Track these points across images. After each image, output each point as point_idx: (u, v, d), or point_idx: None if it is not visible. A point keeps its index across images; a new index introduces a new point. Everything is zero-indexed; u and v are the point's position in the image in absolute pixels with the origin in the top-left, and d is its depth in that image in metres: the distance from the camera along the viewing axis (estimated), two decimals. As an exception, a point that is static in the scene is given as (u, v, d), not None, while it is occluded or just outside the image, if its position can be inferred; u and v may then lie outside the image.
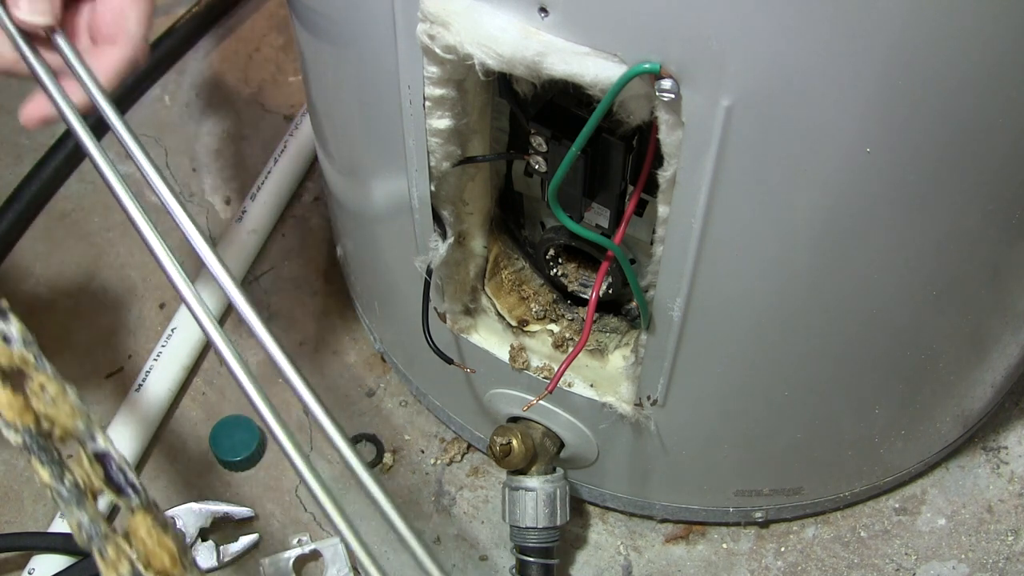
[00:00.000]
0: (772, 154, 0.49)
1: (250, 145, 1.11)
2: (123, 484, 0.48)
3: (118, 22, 0.55)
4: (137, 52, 0.56)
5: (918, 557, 0.82)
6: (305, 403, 0.56)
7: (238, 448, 0.86)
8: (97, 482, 0.48)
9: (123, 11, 0.55)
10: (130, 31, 0.55)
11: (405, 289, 0.77)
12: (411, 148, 0.60)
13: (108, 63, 0.55)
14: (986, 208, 0.55)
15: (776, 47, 0.45)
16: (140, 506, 0.48)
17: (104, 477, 0.48)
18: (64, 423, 0.49)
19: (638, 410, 0.69)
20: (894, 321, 0.62)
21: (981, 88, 0.47)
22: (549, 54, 0.48)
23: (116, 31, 0.55)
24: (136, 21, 0.56)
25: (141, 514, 0.47)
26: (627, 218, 0.59)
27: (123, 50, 0.56)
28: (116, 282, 1.00)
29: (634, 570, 0.83)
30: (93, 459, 0.49)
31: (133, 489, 0.48)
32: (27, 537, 0.82)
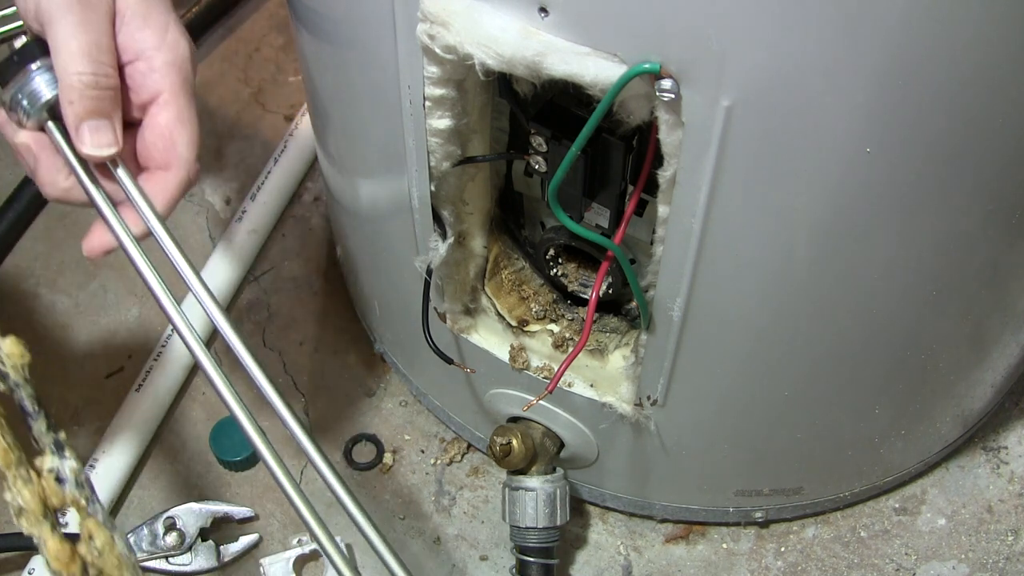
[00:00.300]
0: (772, 154, 0.49)
1: (250, 145, 1.11)
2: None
3: (169, 147, 0.55)
4: (190, 174, 0.56)
5: (918, 557, 0.82)
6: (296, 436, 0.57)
7: (238, 448, 0.86)
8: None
9: (172, 136, 0.55)
10: (182, 155, 0.55)
11: (405, 289, 0.77)
12: (411, 148, 0.60)
13: (164, 189, 0.55)
14: (986, 208, 0.55)
15: (776, 47, 0.45)
16: None
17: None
18: (110, 572, 0.50)
19: (638, 410, 0.69)
20: (894, 321, 0.62)
21: (981, 88, 0.47)
22: (549, 54, 0.48)
23: (168, 157, 0.55)
24: (187, 145, 0.55)
25: None
26: (627, 218, 0.59)
27: (177, 175, 0.55)
28: (116, 282, 1.00)
29: (634, 570, 0.83)
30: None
31: None
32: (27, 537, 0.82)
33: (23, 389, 0.53)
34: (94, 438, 0.87)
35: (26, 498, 0.50)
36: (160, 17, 0.55)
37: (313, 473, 0.88)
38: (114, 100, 0.53)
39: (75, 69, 0.51)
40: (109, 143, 0.54)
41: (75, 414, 0.90)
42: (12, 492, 0.50)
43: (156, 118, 0.55)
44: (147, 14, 0.54)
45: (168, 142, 0.55)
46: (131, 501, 0.86)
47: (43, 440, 0.52)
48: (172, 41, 0.55)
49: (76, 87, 0.52)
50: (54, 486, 0.51)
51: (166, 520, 0.81)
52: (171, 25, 0.55)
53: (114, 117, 0.54)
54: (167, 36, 0.55)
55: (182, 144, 0.55)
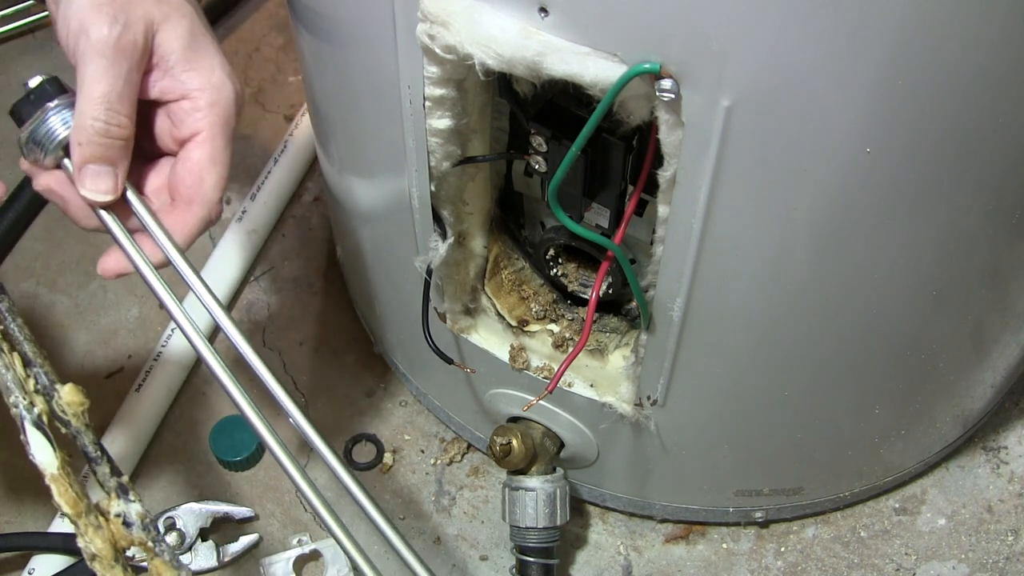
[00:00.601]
0: (772, 154, 0.49)
1: (250, 145, 1.11)
2: None
3: (196, 184, 0.57)
4: (212, 213, 0.58)
5: (918, 557, 0.82)
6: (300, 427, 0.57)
7: (238, 448, 0.86)
8: None
9: (202, 175, 0.57)
10: (206, 194, 0.57)
11: (405, 289, 0.77)
12: (411, 148, 0.60)
13: (184, 223, 0.57)
14: (986, 208, 0.55)
15: (776, 47, 0.45)
16: None
17: None
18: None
19: (638, 410, 0.69)
20: (894, 321, 0.62)
21: (981, 88, 0.47)
22: (549, 54, 0.48)
23: (194, 193, 0.57)
24: (213, 185, 0.57)
25: None
26: (627, 218, 0.59)
27: (199, 212, 0.57)
28: (116, 282, 1.00)
29: (634, 570, 0.83)
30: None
31: None
32: (27, 537, 0.82)
33: (84, 435, 0.55)
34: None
35: (99, 546, 0.52)
36: (206, 60, 0.57)
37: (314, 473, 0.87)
38: (123, 149, 0.55)
39: (91, 114, 0.53)
40: (106, 190, 0.55)
41: (75, 414, 0.90)
42: (84, 540, 0.52)
43: (190, 154, 0.57)
44: (192, 58, 0.56)
45: (197, 179, 0.57)
46: (131, 501, 0.86)
47: (107, 484, 0.54)
48: (217, 83, 0.57)
49: (87, 131, 0.53)
50: (122, 530, 0.53)
51: (166, 520, 0.81)
52: (217, 68, 0.57)
53: (119, 165, 0.55)
54: (212, 78, 0.57)
55: (209, 184, 0.57)
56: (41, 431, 0.53)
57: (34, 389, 0.54)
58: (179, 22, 0.56)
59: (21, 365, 0.54)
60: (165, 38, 0.55)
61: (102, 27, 0.52)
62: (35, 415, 0.53)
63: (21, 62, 1.18)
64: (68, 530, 0.81)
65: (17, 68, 1.18)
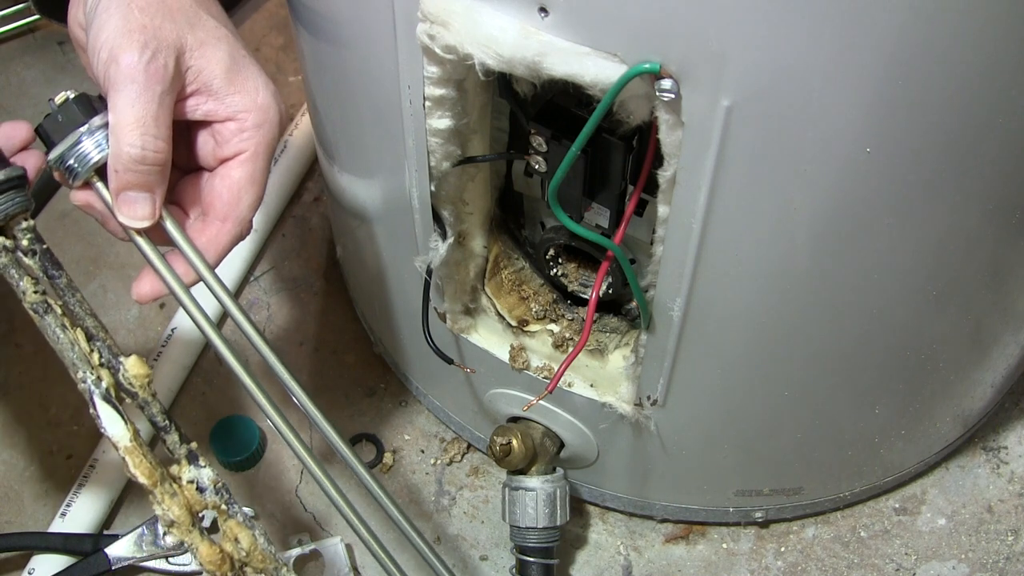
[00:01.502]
0: (772, 154, 0.49)
1: (250, 145, 1.10)
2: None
3: (233, 203, 0.57)
4: (244, 231, 0.58)
5: (918, 557, 0.82)
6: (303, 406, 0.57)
7: (238, 448, 0.86)
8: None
9: (240, 193, 0.57)
10: (242, 213, 0.57)
11: (405, 289, 0.77)
12: (411, 148, 0.60)
13: (217, 241, 0.57)
14: (986, 208, 0.55)
15: (776, 47, 0.45)
16: None
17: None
18: (257, 566, 0.54)
19: (638, 410, 0.69)
20: (894, 321, 0.62)
21: (981, 88, 0.47)
22: (549, 54, 0.48)
23: (229, 211, 0.57)
24: (249, 205, 0.57)
25: None
26: (627, 218, 0.59)
27: (232, 230, 0.57)
28: (116, 282, 1.00)
29: (634, 570, 0.83)
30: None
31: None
32: (27, 537, 0.82)
33: (152, 406, 0.55)
34: (94, 438, 0.87)
35: (176, 512, 0.53)
36: (251, 82, 0.57)
37: (313, 473, 0.88)
38: (160, 175, 0.55)
39: (127, 140, 0.52)
40: (144, 216, 0.55)
41: (75, 414, 0.90)
42: (162, 507, 0.53)
43: (231, 171, 0.57)
44: (236, 80, 0.56)
45: (234, 197, 0.57)
46: (131, 501, 0.86)
47: (177, 451, 0.55)
48: (264, 104, 0.57)
49: (123, 158, 0.53)
50: (196, 495, 0.54)
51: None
52: (262, 89, 0.57)
53: (156, 191, 0.55)
54: (259, 99, 0.57)
55: (246, 203, 0.57)
56: (111, 404, 0.53)
57: (99, 363, 0.55)
58: (216, 46, 0.55)
59: (85, 340, 0.55)
60: (205, 63, 0.55)
61: (132, 53, 0.52)
62: (103, 389, 0.54)
63: (21, 62, 1.18)
64: (68, 530, 0.81)
65: (17, 68, 1.18)
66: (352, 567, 0.81)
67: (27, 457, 0.88)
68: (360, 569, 0.83)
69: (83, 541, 0.80)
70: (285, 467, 0.88)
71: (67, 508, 0.82)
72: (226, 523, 0.55)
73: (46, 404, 0.90)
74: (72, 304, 0.56)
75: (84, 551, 0.79)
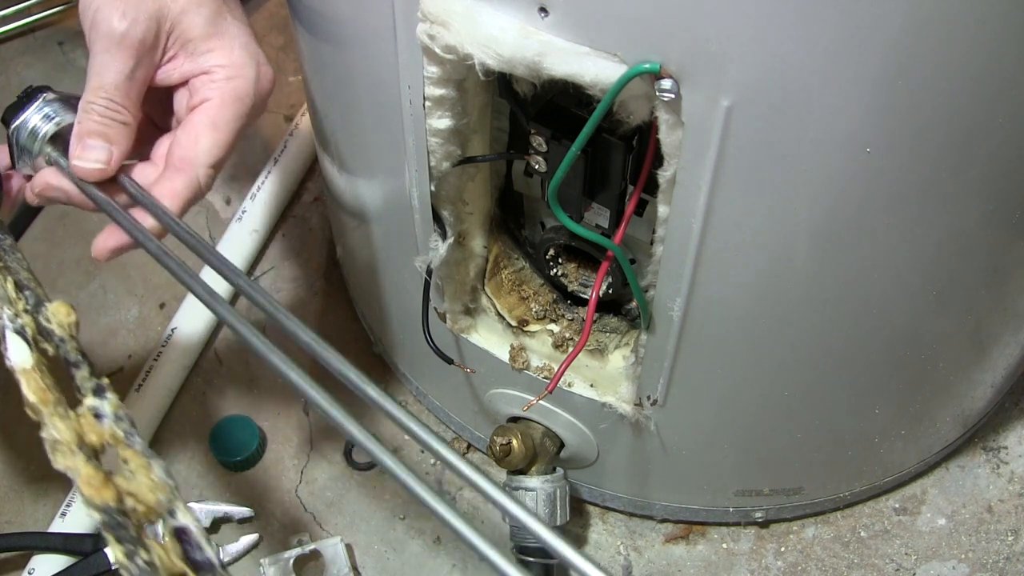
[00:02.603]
0: (772, 154, 0.49)
1: (250, 145, 1.11)
2: (201, 562, 0.46)
3: (191, 147, 0.57)
4: (202, 180, 0.57)
5: (918, 557, 0.82)
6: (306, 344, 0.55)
7: (238, 448, 0.86)
8: (177, 561, 0.46)
9: (196, 138, 0.57)
10: (198, 158, 0.57)
11: (405, 289, 0.77)
12: (411, 148, 0.60)
13: (172, 190, 0.57)
14: (986, 208, 0.55)
15: (776, 47, 0.45)
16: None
17: (182, 554, 0.46)
18: (145, 497, 0.48)
19: (638, 410, 0.69)
20: (894, 321, 0.62)
21: (981, 88, 0.47)
22: (549, 54, 0.48)
23: (185, 155, 0.57)
24: (205, 150, 0.57)
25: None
26: (627, 218, 0.59)
27: (188, 175, 0.57)
28: (116, 282, 1.00)
29: (634, 570, 0.83)
30: (172, 535, 0.47)
31: (210, 568, 0.46)
32: (27, 537, 0.82)
33: (68, 344, 0.53)
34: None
35: (60, 429, 0.48)
36: (227, 41, 0.58)
37: (314, 473, 0.88)
38: (122, 131, 0.56)
39: (91, 99, 0.55)
40: (97, 160, 0.56)
41: (75, 414, 0.90)
42: (48, 427, 0.49)
43: (192, 118, 0.57)
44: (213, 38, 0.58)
45: (191, 142, 0.57)
46: (131, 501, 0.86)
47: (85, 386, 0.52)
48: (237, 60, 0.58)
49: (86, 111, 0.56)
50: (92, 422, 0.50)
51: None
52: (238, 48, 0.58)
53: (115, 145, 0.56)
54: (232, 56, 0.58)
55: (201, 148, 0.57)
56: (20, 336, 0.51)
57: (23, 309, 0.53)
58: (197, 11, 0.57)
59: (14, 288, 0.54)
60: (185, 28, 0.57)
61: (111, 20, 0.54)
62: (18, 324, 0.52)
63: (21, 62, 1.18)
64: (68, 530, 0.81)
65: (17, 68, 1.18)
66: (352, 567, 0.81)
67: (27, 457, 0.88)
68: (360, 569, 0.83)
69: (83, 541, 0.80)
70: (285, 467, 0.88)
71: (67, 508, 0.82)
72: (123, 452, 0.49)
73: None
74: (10, 261, 0.55)
75: (84, 551, 0.79)
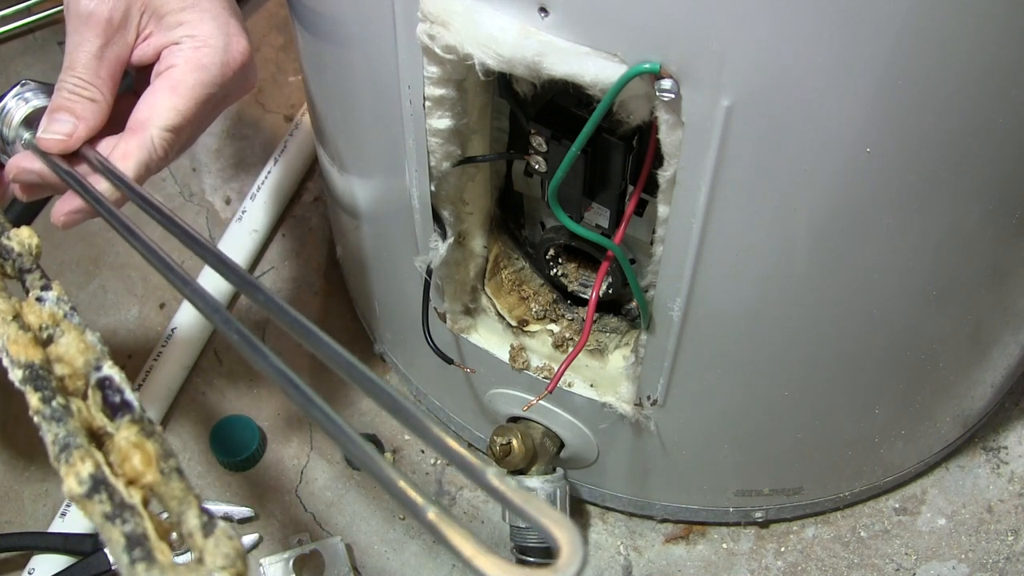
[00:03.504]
0: (772, 154, 0.49)
1: (250, 145, 1.11)
2: (117, 404, 0.44)
3: (146, 110, 0.57)
4: (156, 141, 0.57)
5: (918, 557, 0.82)
6: None
7: (238, 448, 0.86)
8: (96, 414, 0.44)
9: (153, 101, 0.57)
10: (153, 120, 0.56)
11: (405, 289, 0.77)
12: (411, 148, 0.60)
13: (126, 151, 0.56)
14: (986, 208, 0.55)
15: (776, 47, 0.45)
16: (129, 422, 0.43)
17: (102, 402, 0.44)
18: (73, 359, 0.46)
19: (638, 410, 0.69)
20: (894, 321, 0.62)
21: (981, 88, 0.47)
22: (549, 54, 0.48)
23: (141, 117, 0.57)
24: (160, 114, 0.57)
25: (126, 427, 0.42)
26: (627, 218, 0.59)
27: (141, 136, 0.56)
28: (116, 282, 1.00)
29: (634, 570, 0.83)
30: (95, 387, 0.45)
31: (128, 408, 0.43)
32: (27, 537, 0.82)
33: (24, 257, 0.52)
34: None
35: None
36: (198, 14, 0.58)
37: (314, 473, 0.88)
38: (91, 108, 0.57)
39: (61, 78, 0.57)
40: (60, 132, 0.57)
41: (75, 414, 0.90)
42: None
43: (154, 83, 0.58)
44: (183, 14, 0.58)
45: (148, 106, 0.57)
46: (131, 501, 0.86)
47: (35, 285, 0.51)
48: (207, 32, 0.58)
49: (58, 90, 0.57)
50: (35, 305, 0.49)
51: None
52: (208, 21, 0.58)
53: (82, 120, 0.57)
54: (202, 28, 0.58)
55: (158, 111, 0.57)
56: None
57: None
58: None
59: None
60: (158, 6, 0.58)
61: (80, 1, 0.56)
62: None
63: (21, 62, 1.18)
64: (68, 530, 0.81)
65: (17, 68, 1.18)
66: (352, 567, 0.81)
67: (27, 457, 0.88)
68: (360, 569, 0.83)
69: (83, 541, 0.80)
70: (285, 467, 0.88)
71: (67, 508, 0.82)
72: (61, 326, 0.48)
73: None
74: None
75: (84, 551, 0.79)
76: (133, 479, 0.40)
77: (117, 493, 0.39)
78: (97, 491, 0.38)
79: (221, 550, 0.37)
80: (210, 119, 0.61)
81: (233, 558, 0.37)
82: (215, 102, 0.59)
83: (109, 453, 0.42)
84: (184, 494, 0.40)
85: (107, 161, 0.56)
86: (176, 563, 0.38)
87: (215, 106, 0.60)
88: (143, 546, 0.37)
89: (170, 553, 0.38)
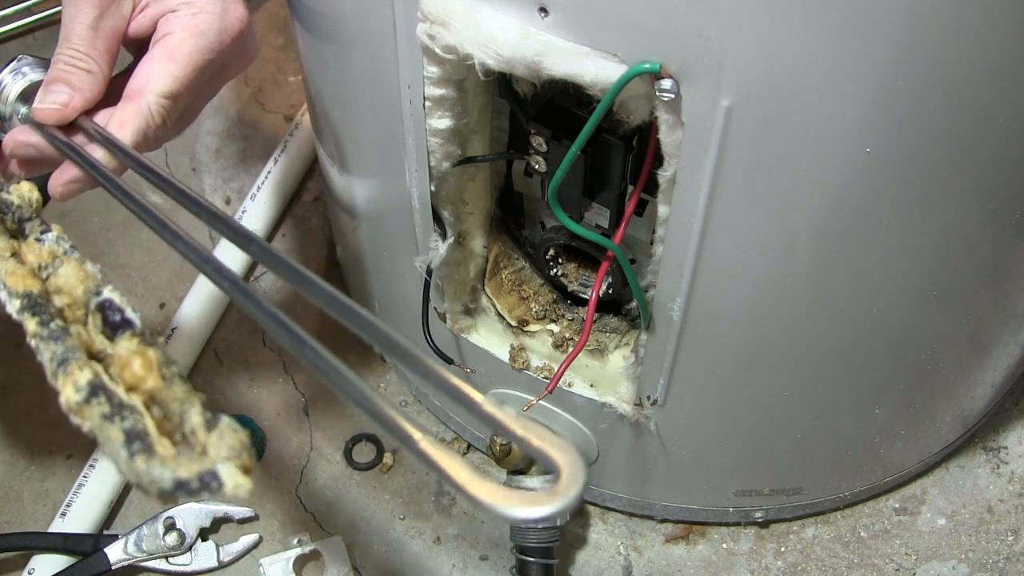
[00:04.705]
0: (772, 154, 0.49)
1: (250, 145, 1.11)
2: (118, 323, 0.43)
3: (142, 77, 0.56)
4: (152, 107, 0.56)
5: (918, 557, 0.82)
6: None
7: (238, 448, 0.86)
8: (96, 337, 0.43)
9: (150, 68, 0.56)
10: (149, 87, 0.56)
11: (405, 289, 0.77)
12: (411, 148, 0.60)
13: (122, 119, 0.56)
14: (986, 208, 0.55)
15: (776, 47, 0.45)
16: (130, 335, 0.42)
17: (102, 323, 0.44)
18: (73, 289, 0.46)
19: (638, 410, 0.69)
20: (894, 321, 0.62)
21: (981, 88, 0.47)
22: (549, 54, 0.48)
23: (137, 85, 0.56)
24: (157, 80, 0.56)
25: (127, 340, 0.42)
26: (627, 218, 0.59)
27: (138, 104, 0.56)
28: (116, 282, 1.00)
29: (634, 570, 0.83)
30: (96, 311, 0.45)
31: (128, 325, 0.43)
32: (27, 537, 0.82)
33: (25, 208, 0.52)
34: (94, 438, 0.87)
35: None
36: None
37: (314, 473, 0.88)
38: (87, 79, 0.57)
39: (57, 51, 0.57)
40: (55, 102, 0.56)
41: (75, 414, 0.90)
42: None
43: (151, 51, 0.57)
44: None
45: (145, 72, 0.57)
46: (131, 501, 0.86)
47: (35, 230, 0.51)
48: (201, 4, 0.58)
49: (54, 62, 0.57)
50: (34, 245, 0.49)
51: (166, 520, 0.81)
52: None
53: (78, 91, 0.56)
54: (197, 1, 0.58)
55: (154, 76, 0.56)
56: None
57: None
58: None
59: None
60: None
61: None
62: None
63: (21, 62, 1.18)
64: (68, 530, 0.81)
65: (17, 68, 1.18)
66: (352, 567, 0.81)
67: (27, 457, 0.88)
68: (360, 569, 0.83)
69: (83, 541, 0.80)
70: (285, 467, 0.88)
71: (67, 508, 0.82)
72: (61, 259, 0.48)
73: (46, 404, 0.90)
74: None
75: (84, 551, 0.79)
76: (133, 385, 0.39)
77: (116, 395, 0.38)
78: (95, 395, 0.37)
79: (226, 442, 0.36)
80: (209, 90, 0.61)
81: (238, 450, 0.36)
82: (213, 70, 0.59)
83: (109, 367, 0.41)
84: (187, 395, 0.39)
85: (104, 131, 0.56)
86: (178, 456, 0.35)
87: (214, 75, 0.59)
88: (143, 440, 0.36)
89: (172, 448, 0.36)
